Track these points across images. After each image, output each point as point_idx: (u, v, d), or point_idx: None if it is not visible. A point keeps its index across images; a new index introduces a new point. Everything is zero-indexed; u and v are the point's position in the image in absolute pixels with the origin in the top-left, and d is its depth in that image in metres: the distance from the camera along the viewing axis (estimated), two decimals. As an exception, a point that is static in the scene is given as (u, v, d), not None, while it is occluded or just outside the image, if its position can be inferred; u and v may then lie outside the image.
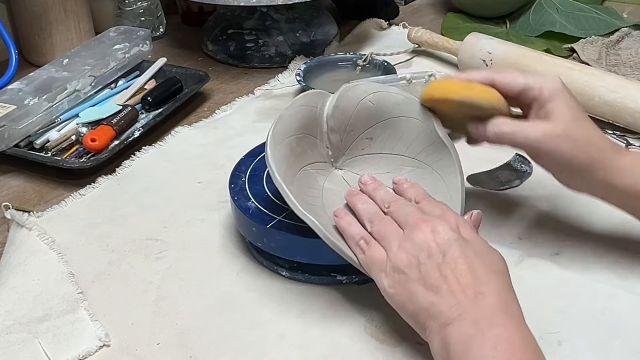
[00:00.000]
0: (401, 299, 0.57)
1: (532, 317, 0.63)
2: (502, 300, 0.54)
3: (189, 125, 0.97)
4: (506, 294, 0.55)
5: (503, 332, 0.52)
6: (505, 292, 0.55)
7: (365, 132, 0.71)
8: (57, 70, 0.98)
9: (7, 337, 0.63)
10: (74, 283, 0.69)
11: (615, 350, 0.61)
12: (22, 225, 0.76)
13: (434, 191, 0.66)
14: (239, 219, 0.70)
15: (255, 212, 0.68)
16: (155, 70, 1.06)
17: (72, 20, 1.13)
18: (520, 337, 0.53)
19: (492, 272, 0.56)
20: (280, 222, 0.66)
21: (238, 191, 0.71)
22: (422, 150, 0.69)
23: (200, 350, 0.62)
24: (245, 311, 0.67)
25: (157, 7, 1.24)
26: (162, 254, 0.74)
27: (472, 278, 0.55)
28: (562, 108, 0.63)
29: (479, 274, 0.55)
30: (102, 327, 0.64)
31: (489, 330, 0.52)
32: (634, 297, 0.66)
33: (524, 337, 0.53)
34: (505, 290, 0.56)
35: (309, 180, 0.68)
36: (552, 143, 0.63)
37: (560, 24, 1.17)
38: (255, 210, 0.68)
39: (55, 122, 0.94)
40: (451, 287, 0.55)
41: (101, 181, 0.86)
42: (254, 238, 0.69)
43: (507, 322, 0.53)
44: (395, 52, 1.13)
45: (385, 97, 0.70)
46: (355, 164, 0.72)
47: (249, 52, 1.13)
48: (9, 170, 0.89)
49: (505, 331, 0.52)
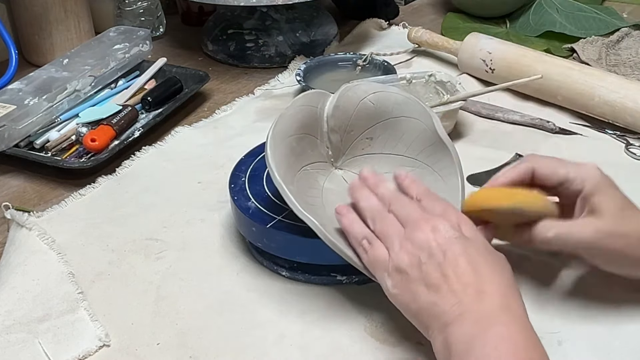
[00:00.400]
0: (404, 299, 0.57)
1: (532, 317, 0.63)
2: (505, 299, 0.54)
3: (189, 125, 0.97)
4: (509, 292, 0.55)
5: (505, 331, 0.52)
6: (507, 290, 0.55)
7: (366, 132, 0.71)
8: (57, 70, 0.98)
9: (7, 337, 0.63)
10: (74, 283, 0.69)
11: (615, 350, 0.61)
12: (22, 225, 0.76)
13: (434, 192, 0.66)
14: (239, 219, 0.70)
15: (255, 212, 0.68)
16: (155, 70, 1.06)
17: (72, 20, 1.13)
18: (523, 336, 0.52)
19: (494, 271, 0.56)
20: (280, 222, 0.66)
21: (238, 191, 0.71)
22: (422, 150, 0.69)
23: (200, 350, 0.62)
24: (245, 311, 0.67)
25: (157, 7, 1.24)
26: (162, 254, 0.74)
27: (473, 277, 0.55)
28: (608, 202, 0.61)
29: (481, 273, 0.55)
30: (102, 327, 0.64)
31: (490, 329, 0.52)
32: (634, 297, 0.66)
33: (527, 336, 0.53)
34: (507, 288, 0.55)
35: (309, 180, 0.68)
36: (605, 241, 0.60)
37: (560, 24, 1.17)
38: (255, 210, 0.68)
39: (55, 122, 0.94)
40: (452, 286, 0.54)
41: (101, 181, 0.86)
42: (254, 238, 0.69)
43: (510, 321, 0.53)
44: (395, 52, 1.13)
45: (385, 97, 0.70)
46: (356, 164, 0.72)
47: (249, 52, 1.13)
48: (9, 170, 0.89)
49: (508, 330, 0.52)
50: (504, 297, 0.54)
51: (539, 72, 0.92)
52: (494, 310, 0.53)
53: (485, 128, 0.94)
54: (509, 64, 1.00)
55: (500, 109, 0.96)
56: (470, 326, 0.53)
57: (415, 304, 0.56)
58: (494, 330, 0.52)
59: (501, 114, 0.96)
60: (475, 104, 0.97)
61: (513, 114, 0.95)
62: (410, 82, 0.95)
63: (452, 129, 0.91)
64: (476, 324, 0.53)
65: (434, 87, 0.95)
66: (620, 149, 0.89)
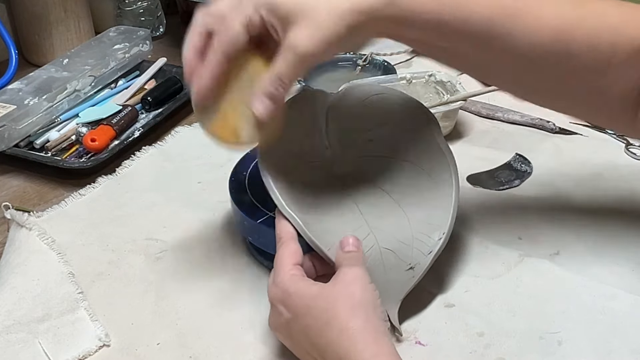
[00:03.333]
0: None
1: (532, 317, 0.64)
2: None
3: (189, 125, 0.97)
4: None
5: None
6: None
7: (366, 133, 0.71)
8: (57, 70, 0.98)
9: (7, 337, 0.63)
10: (74, 283, 0.69)
11: (615, 350, 0.61)
12: (22, 225, 0.76)
13: (428, 197, 0.66)
14: (234, 211, 0.70)
15: (249, 206, 0.68)
16: (155, 70, 1.06)
17: (72, 20, 1.13)
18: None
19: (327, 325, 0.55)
20: (271, 219, 0.66)
21: (237, 184, 0.71)
22: (420, 155, 0.69)
23: (200, 350, 0.62)
24: (245, 311, 0.66)
25: (157, 7, 1.24)
26: (162, 254, 0.74)
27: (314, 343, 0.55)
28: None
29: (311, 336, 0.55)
30: (102, 327, 0.64)
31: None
32: (634, 297, 0.66)
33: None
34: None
35: (304, 180, 0.68)
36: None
37: (560, 24, 1.16)
38: (250, 204, 0.68)
39: (55, 122, 0.94)
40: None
41: (101, 181, 0.86)
42: (246, 232, 0.69)
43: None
44: (395, 52, 1.13)
45: (387, 99, 0.70)
46: (354, 165, 0.71)
47: (249, 52, 1.13)
48: (9, 170, 0.89)
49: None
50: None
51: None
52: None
53: (485, 128, 0.94)
54: (509, 64, 1.00)
55: (500, 109, 0.96)
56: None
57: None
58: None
59: (501, 114, 0.96)
60: (475, 104, 0.97)
61: (513, 114, 0.95)
62: (410, 82, 0.95)
63: (452, 129, 0.92)
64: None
65: (434, 87, 0.95)
66: (620, 149, 0.89)
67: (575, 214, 0.77)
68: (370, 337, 0.53)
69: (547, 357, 0.60)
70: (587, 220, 0.76)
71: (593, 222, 0.75)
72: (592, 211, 0.76)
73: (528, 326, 0.63)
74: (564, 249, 0.72)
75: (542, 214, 0.77)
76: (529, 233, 0.74)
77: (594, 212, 0.76)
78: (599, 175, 0.83)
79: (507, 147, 0.89)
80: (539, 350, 0.61)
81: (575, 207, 0.78)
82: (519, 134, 0.93)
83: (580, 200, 0.79)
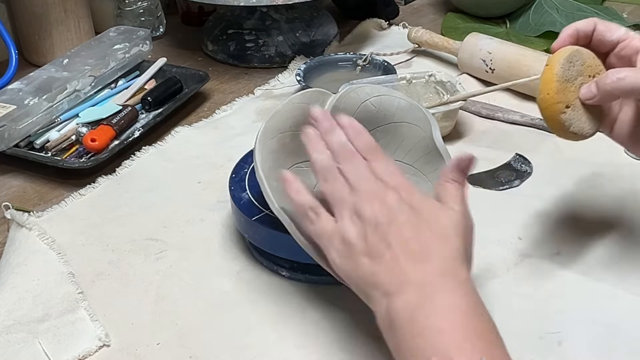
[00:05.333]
0: (347, 270, 0.55)
1: (532, 317, 0.64)
2: (447, 265, 0.52)
3: (189, 125, 0.97)
4: (452, 258, 0.53)
5: (449, 299, 0.50)
6: (452, 256, 0.53)
7: None
8: (57, 70, 0.98)
9: (7, 337, 0.63)
10: (74, 283, 0.69)
11: (615, 350, 0.61)
12: (22, 225, 0.76)
13: None
14: (232, 208, 0.70)
15: (247, 203, 0.69)
16: (155, 70, 1.06)
17: (72, 20, 1.13)
18: (467, 303, 0.50)
19: (439, 238, 0.53)
20: (267, 217, 0.66)
21: (237, 181, 0.72)
22: (419, 158, 0.69)
23: (200, 350, 0.62)
24: (245, 311, 0.67)
25: (157, 7, 1.24)
26: (162, 254, 0.74)
27: (416, 245, 0.53)
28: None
29: (424, 241, 0.53)
30: (102, 327, 0.64)
31: (434, 297, 0.50)
32: (634, 297, 0.66)
33: (471, 303, 0.51)
34: (452, 254, 0.53)
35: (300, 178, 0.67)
36: None
37: (560, 24, 1.16)
38: (247, 201, 0.69)
39: (55, 122, 0.94)
40: (395, 256, 0.52)
41: (101, 181, 0.86)
42: (242, 229, 0.70)
43: (453, 288, 0.51)
44: (395, 52, 1.13)
45: (388, 101, 0.70)
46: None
47: (249, 52, 1.13)
48: (9, 170, 0.89)
49: (451, 298, 0.50)
50: (446, 263, 0.52)
51: (539, 72, 0.92)
52: (435, 278, 0.51)
53: (485, 128, 0.94)
54: (509, 64, 1.00)
55: (500, 109, 0.96)
56: (413, 295, 0.51)
57: (357, 273, 0.54)
58: (437, 299, 0.50)
59: (501, 114, 0.96)
60: (475, 104, 0.97)
61: (513, 114, 0.95)
62: (410, 82, 0.95)
63: (452, 129, 0.92)
64: (418, 293, 0.51)
65: (434, 87, 0.95)
66: (620, 149, 0.88)
67: (575, 214, 0.77)
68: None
69: (547, 357, 0.60)
70: (587, 220, 0.76)
71: (593, 222, 0.75)
72: (592, 211, 0.76)
73: (528, 326, 0.63)
74: (564, 249, 0.72)
75: (542, 214, 0.77)
76: (529, 233, 0.74)
77: (594, 212, 0.76)
78: (599, 175, 0.83)
79: (507, 147, 0.89)
80: (539, 350, 0.61)
81: (575, 207, 0.78)
82: (519, 134, 0.93)
83: (580, 200, 0.79)
